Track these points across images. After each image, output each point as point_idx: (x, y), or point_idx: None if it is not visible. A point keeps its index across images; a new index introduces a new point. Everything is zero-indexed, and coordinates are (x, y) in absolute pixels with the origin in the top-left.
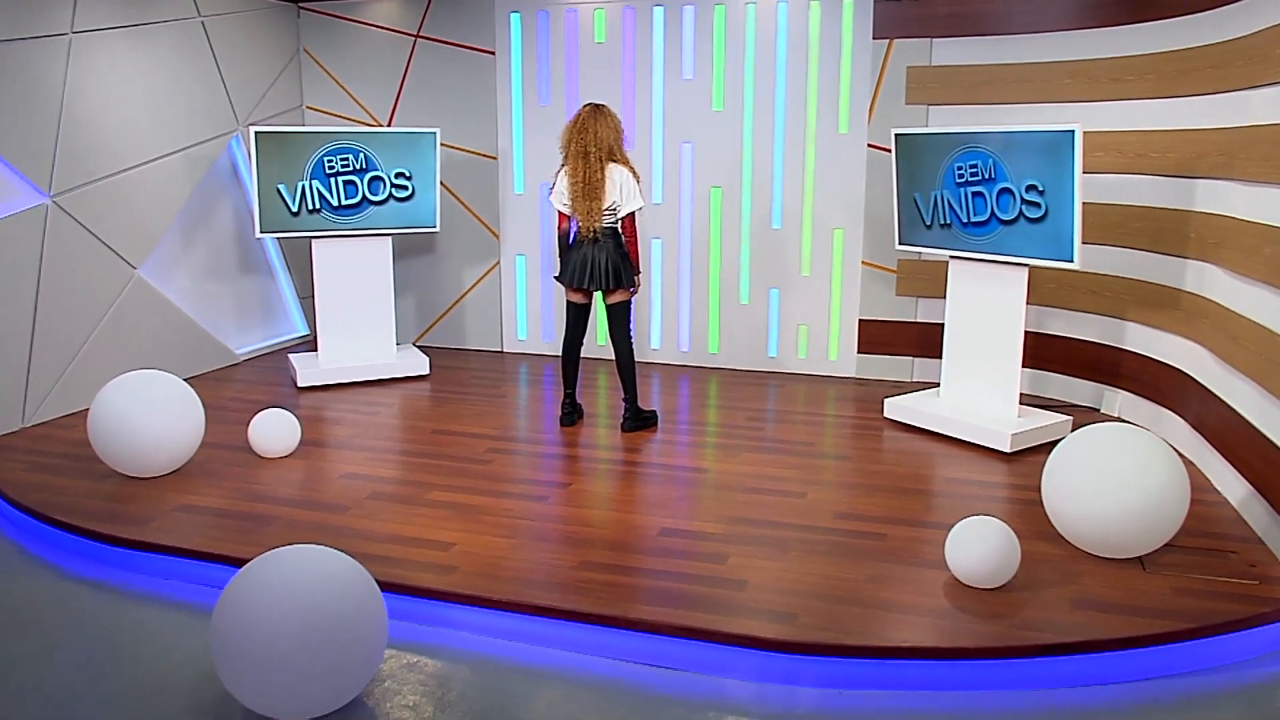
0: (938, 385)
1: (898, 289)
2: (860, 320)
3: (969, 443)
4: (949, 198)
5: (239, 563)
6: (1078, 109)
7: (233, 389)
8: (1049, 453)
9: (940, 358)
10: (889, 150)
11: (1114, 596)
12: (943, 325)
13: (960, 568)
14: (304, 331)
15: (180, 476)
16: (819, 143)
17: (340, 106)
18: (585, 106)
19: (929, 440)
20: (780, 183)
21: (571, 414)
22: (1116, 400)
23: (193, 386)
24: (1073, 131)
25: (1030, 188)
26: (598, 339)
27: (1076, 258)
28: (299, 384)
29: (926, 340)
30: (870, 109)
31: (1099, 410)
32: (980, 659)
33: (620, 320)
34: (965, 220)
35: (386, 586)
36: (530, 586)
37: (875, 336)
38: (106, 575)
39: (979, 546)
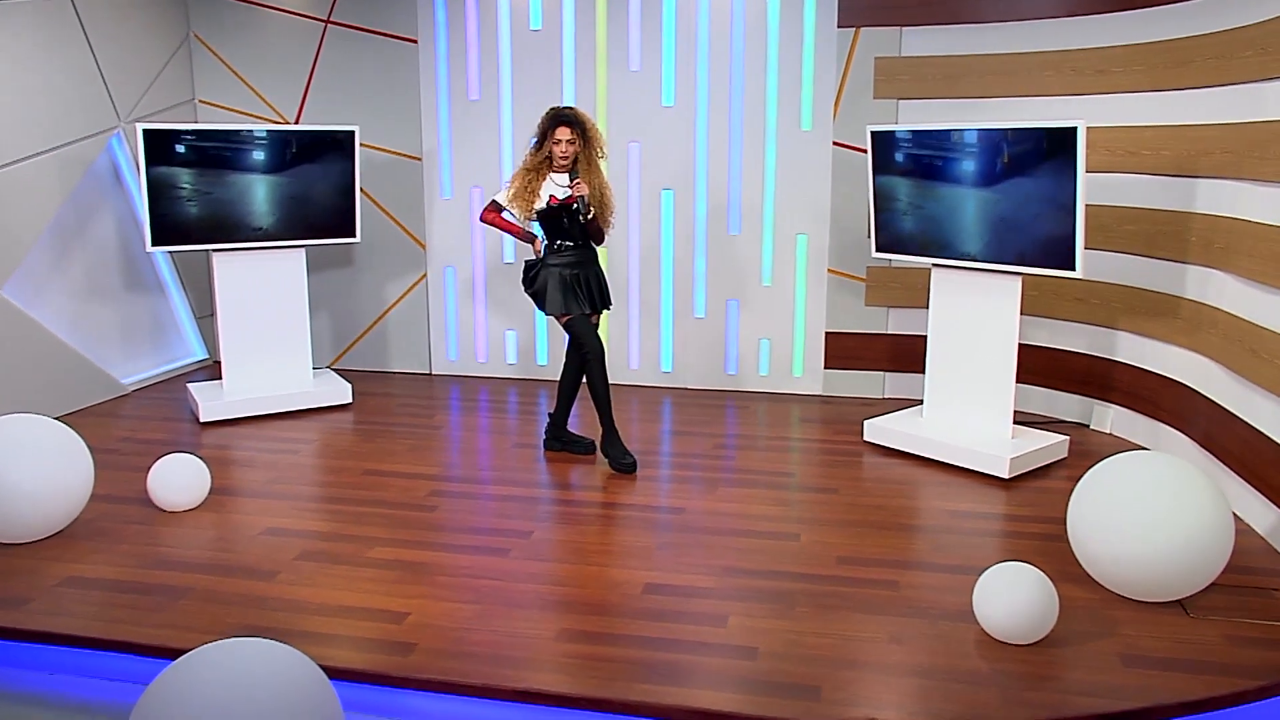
0: (912, 402)
1: (867, 298)
2: (827, 333)
3: (960, 467)
4: (935, 204)
5: (145, 650)
6: (1060, 103)
7: (123, 427)
8: (1049, 478)
9: (915, 372)
10: (856, 149)
11: (1165, 650)
12: (917, 337)
13: (993, 622)
14: (202, 356)
15: (64, 541)
16: (780, 141)
17: (239, 101)
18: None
19: (916, 466)
20: (738, 185)
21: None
22: (1108, 415)
23: (73, 426)
24: (1075, 128)
25: (1026, 189)
26: (538, 359)
27: (1079, 266)
28: (201, 418)
29: (899, 353)
30: (835, 104)
31: (1089, 426)
32: None
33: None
34: (954, 227)
35: (333, 673)
36: (504, 665)
37: (843, 350)
38: None
39: (1012, 598)
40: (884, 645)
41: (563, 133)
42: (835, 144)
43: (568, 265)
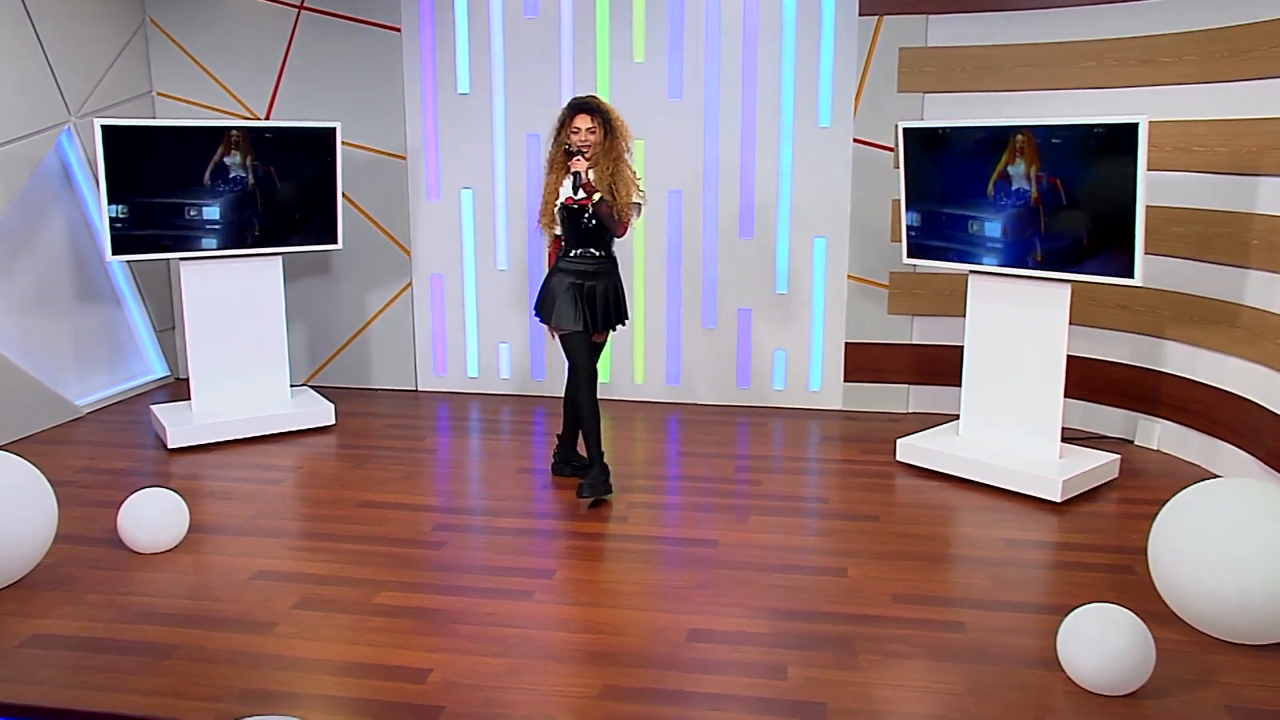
0: (939, 417)
1: (890, 306)
2: (847, 343)
3: (1005, 490)
4: (973, 207)
5: None
6: (1101, 96)
7: (80, 455)
8: (1101, 501)
9: (941, 385)
10: (879, 146)
11: (1275, 700)
12: (943, 347)
13: (1084, 671)
14: (163, 373)
15: (24, 592)
16: (796, 138)
17: (202, 94)
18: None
19: (956, 489)
20: (751, 185)
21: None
22: (1155, 430)
23: (23, 455)
24: (1136, 124)
25: (1077, 191)
26: (534, 374)
27: (1138, 274)
28: (169, 444)
29: (924, 365)
30: (856, 98)
31: (1134, 442)
32: None
33: None
34: (995, 232)
35: None
36: None
37: (864, 362)
38: None
39: (1105, 643)
40: (963, 699)
41: (581, 120)
42: (856, 141)
43: (581, 274)
